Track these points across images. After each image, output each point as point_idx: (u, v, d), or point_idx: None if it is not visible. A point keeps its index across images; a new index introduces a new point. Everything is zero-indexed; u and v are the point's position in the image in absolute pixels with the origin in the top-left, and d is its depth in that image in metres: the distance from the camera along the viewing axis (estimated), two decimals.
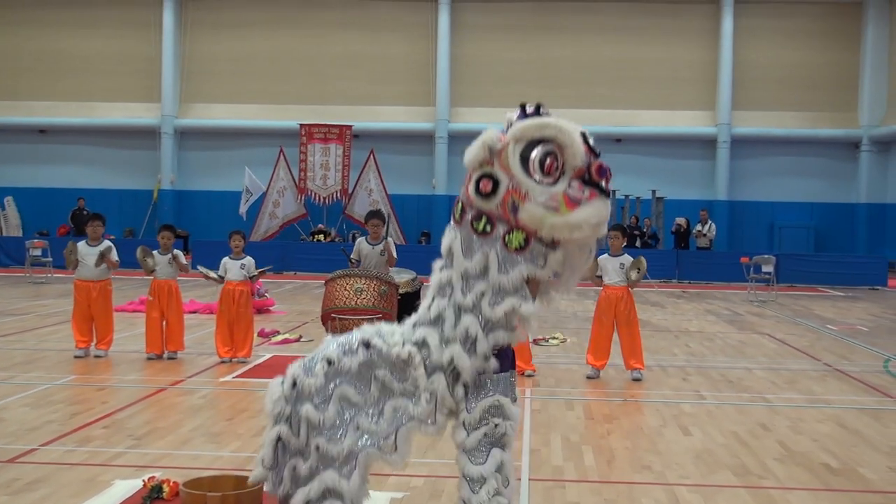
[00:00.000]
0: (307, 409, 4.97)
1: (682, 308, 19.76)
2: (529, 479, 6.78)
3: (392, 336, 5.07)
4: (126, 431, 8.03)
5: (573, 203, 4.73)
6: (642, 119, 32.74)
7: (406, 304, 11.65)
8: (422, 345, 4.94)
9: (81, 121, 33.28)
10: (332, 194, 31.40)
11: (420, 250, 28.77)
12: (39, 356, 11.90)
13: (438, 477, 6.78)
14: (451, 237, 5.06)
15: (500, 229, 4.85)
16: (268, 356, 12.17)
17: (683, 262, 27.15)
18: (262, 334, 13.72)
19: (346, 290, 10.49)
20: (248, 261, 11.69)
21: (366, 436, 4.94)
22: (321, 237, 30.61)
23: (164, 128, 33.02)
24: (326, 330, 10.69)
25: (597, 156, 4.90)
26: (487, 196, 4.87)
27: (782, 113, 32.61)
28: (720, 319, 17.74)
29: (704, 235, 28.38)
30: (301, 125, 31.61)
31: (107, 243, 11.95)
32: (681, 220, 29.27)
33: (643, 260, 11.28)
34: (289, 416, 5.03)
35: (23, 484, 6.42)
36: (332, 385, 5.00)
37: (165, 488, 6.07)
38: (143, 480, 6.23)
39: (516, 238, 4.81)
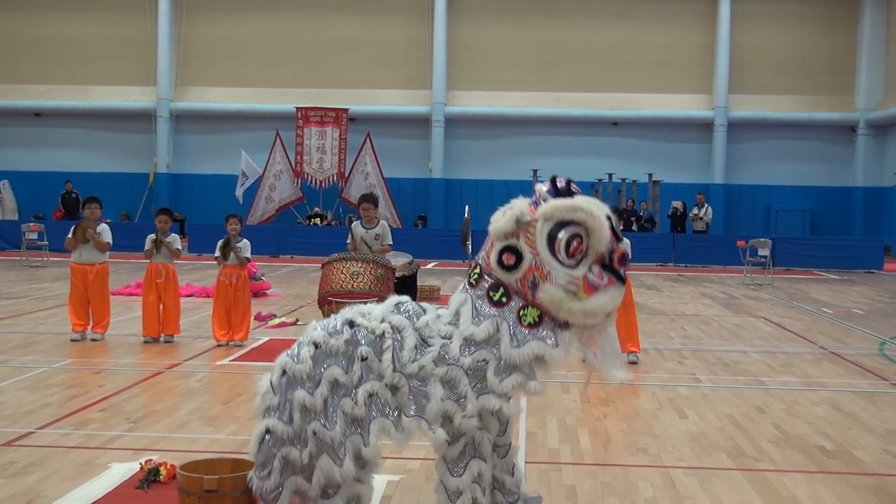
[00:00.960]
0: (300, 394, 4.99)
1: (679, 291, 19.78)
2: (526, 462, 6.79)
3: (371, 313, 5.14)
4: (123, 415, 8.04)
5: (592, 289, 4.80)
6: (639, 102, 32.71)
7: (403, 288, 11.66)
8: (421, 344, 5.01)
9: (77, 104, 33.21)
10: (329, 178, 31.38)
11: (416, 234, 28.82)
12: (36, 339, 11.90)
13: (435, 460, 6.78)
14: (461, 299, 5.06)
15: (516, 302, 4.89)
16: (264, 339, 12.18)
17: (680, 246, 27.16)
18: (258, 318, 13.72)
19: (342, 273, 10.50)
20: (244, 243, 11.68)
21: (352, 422, 4.98)
22: (318, 221, 30.60)
23: (160, 111, 32.96)
24: (324, 314, 10.70)
25: (619, 241, 4.93)
26: (509, 269, 4.91)
27: (779, 96, 32.60)
28: (716, 303, 17.77)
29: (701, 219, 28.39)
30: (297, 109, 31.56)
31: (102, 225, 11.95)
32: (677, 204, 29.27)
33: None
34: (278, 406, 5.05)
35: (20, 467, 6.43)
36: (320, 368, 5.03)
37: (162, 471, 6.08)
38: (140, 463, 6.24)
39: (531, 314, 4.87)
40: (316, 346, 5.06)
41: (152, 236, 11.82)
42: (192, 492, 5.28)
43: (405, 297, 5.29)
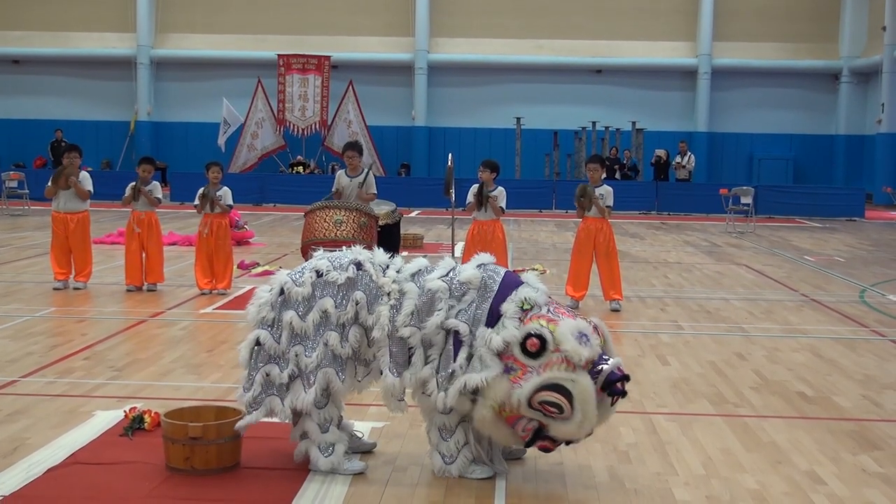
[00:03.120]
0: (291, 315, 5.27)
1: (661, 239, 19.84)
2: None
3: (383, 267, 5.42)
4: (106, 363, 8.04)
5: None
6: (622, 50, 32.57)
7: (386, 236, 11.66)
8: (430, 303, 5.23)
9: (56, 51, 32.86)
10: (311, 126, 31.22)
11: (400, 182, 28.77)
12: (18, 288, 11.87)
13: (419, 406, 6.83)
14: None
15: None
16: (248, 288, 12.15)
17: (662, 194, 27.19)
18: (241, 266, 13.70)
19: (325, 221, 10.48)
20: (225, 191, 11.62)
21: (330, 354, 5.23)
22: (300, 169, 30.48)
23: (140, 58, 32.64)
24: (306, 262, 10.70)
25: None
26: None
27: (762, 44, 32.51)
28: (698, 251, 17.84)
29: (684, 167, 28.42)
30: (279, 56, 31.32)
31: (82, 173, 11.87)
32: (660, 152, 29.28)
33: (586, 187, 11.16)
34: (272, 322, 5.32)
35: (4, 415, 6.44)
36: (317, 295, 5.29)
37: (147, 419, 6.09)
38: (125, 411, 6.25)
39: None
40: (318, 273, 5.36)
41: (132, 184, 11.74)
42: (177, 439, 5.31)
43: (440, 272, 5.38)
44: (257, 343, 5.33)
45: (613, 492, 5.23)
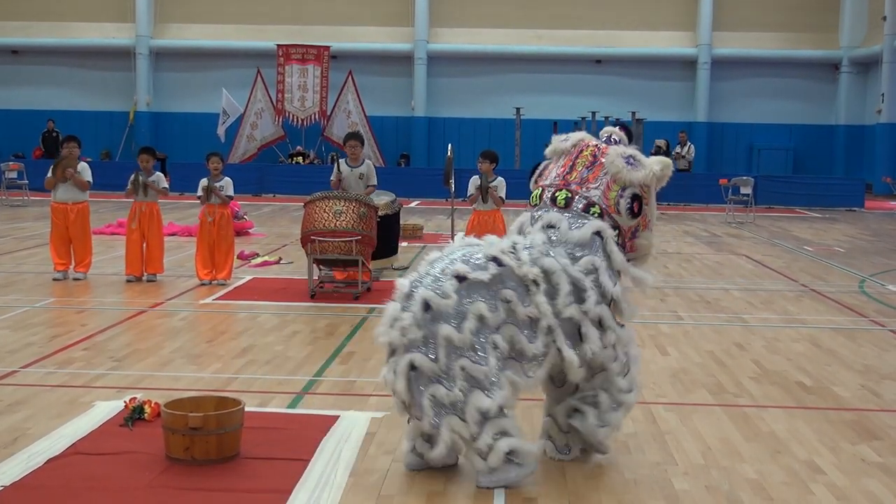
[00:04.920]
0: (447, 330, 4.96)
1: (661, 229, 19.82)
2: None
3: (517, 254, 5.23)
4: (107, 353, 8.05)
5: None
6: (622, 40, 32.50)
7: (385, 226, 11.68)
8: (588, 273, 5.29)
9: (55, 41, 32.76)
10: (311, 116, 31.17)
11: (399, 172, 28.75)
12: (17, 279, 11.87)
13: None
14: (560, 220, 5.43)
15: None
16: (247, 278, 12.18)
17: None
18: (241, 256, 13.70)
19: (325, 212, 10.49)
20: (227, 181, 11.62)
21: (503, 356, 5.05)
22: (300, 159, 30.45)
23: (140, 48, 32.55)
24: (306, 252, 10.72)
25: None
26: (635, 216, 5.61)
27: (763, 34, 32.43)
28: (698, 241, 17.84)
29: (683, 157, 28.40)
30: (278, 46, 31.24)
31: (81, 164, 11.86)
32: (660, 142, 29.23)
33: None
34: (422, 341, 4.99)
35: (4, 406, 6.44)
36: (466, 302, 5.02)
37: (147, 409, 6.09)
38: (125, 401, 6.26)
39: None
40: (460, 279, 5.06)
41: (133, 177, 11.72)
42: (177, 429, 5.32)
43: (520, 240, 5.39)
44: (412, 368, 5.00)
45: (613, 481, 5.24)
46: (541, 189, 5.62)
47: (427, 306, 5.01)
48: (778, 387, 7.39)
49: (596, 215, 5.39)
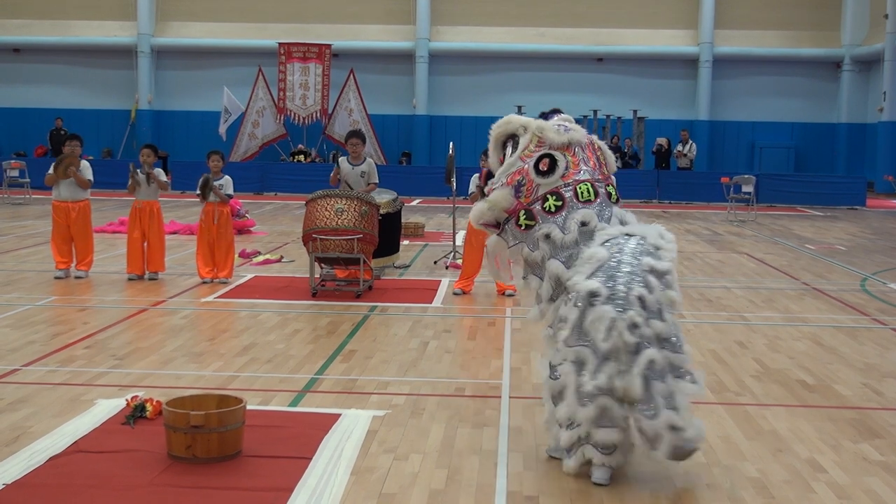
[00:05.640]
0: (658, 325, 5.10)
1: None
2: (510, 398, 6.85)
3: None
4: (108, 351, 8.05)
5: None
6: (624, 38, 32.48)
7: (387, 225, 11.68)
8: None
9: (56, 39, 32.78)
10: (312, 114, 31.17)
11: (401, 171, 28.75)
12: (19, 277, 11.87)
13: (419, 395, 6.85)
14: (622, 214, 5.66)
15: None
16: (249, 276, 12.18)
17: (664, 182, 27.18)
18: (242, 255, 13.70)
19: (327, 210, 10.50)
20: (226, 180, 11.61)
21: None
22: (301, 158, 30.45)
23: (141, 47, 32.56)
24: (308, 251, 10.72)
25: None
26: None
27: (764, 32, 32.42)
28: (700, 239, 17.83)
29: (685, 155, 28.39)
30: (280, 44, 31.25)
31: (83, 162, 11.86)
32: (662, 141, 29.23)
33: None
34: (652, 338, 5.07)
35: (5, 404, 6.44)
36: (663, 295, 5.19)
37: (148, 407, 6.10)
38: (126, 399, 6.26)
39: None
40: (659, 274, 5.21)
41: (132, 171, 11.68)
42: (179, 427, 5.32)
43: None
44: (649, 367, 5.02)
45: (614, 481, 5.24)
46: (589, 184, 5.57)
47: (643, 304, 5.10)
48: (779, 385, 7.39)
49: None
